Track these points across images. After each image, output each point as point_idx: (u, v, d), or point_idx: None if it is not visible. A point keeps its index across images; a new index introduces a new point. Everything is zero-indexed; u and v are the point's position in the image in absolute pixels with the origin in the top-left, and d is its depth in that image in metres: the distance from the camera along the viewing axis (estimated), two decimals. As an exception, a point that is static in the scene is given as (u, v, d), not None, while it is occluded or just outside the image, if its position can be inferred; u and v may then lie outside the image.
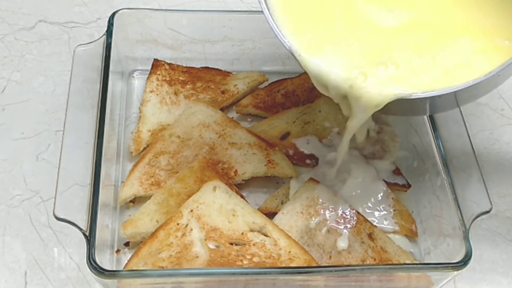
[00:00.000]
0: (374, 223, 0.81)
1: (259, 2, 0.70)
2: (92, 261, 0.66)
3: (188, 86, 0.93)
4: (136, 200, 0.82)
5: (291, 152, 0.87)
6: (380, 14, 0.70)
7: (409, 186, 0.86)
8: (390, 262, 0.77)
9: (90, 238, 0.68)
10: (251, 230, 0.76)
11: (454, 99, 0.67)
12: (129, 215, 0.80)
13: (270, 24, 0.70)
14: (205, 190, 0.78)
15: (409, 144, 0.88)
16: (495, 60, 0.65)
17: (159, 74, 0.93)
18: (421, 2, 0.72)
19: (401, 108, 0.68)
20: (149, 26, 0.93)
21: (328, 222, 0.79)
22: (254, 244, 0.75)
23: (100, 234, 0.70)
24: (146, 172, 0.83)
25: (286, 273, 0.69)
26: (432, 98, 0.65)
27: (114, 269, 0.75)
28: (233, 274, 0.69)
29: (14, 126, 0.90)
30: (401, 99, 0.65)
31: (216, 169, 0.82)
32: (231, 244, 0.75)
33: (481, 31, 0.68)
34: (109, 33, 0.85)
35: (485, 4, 0.70)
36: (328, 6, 0.71)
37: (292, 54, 0.69)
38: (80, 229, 0.69)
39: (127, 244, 0.79)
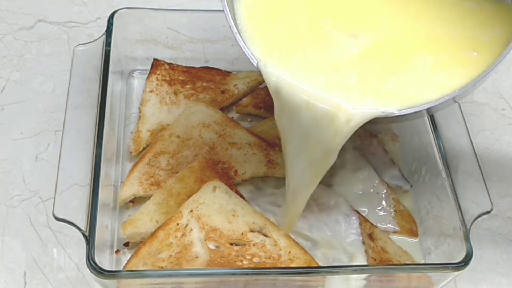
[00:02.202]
0: (374, 223, 0.81)
1: (230, 27, 0.71)
2: (91, 262, 0.66)
3: (188, 86, 0.93)
4: (136, 200, 0.82)
5: (291, 152, 0.87)
6: (344, 41, 0.70)
7: (409, 186, 0.85)
8: (391, 263, 0.77)
9: (89, 238, 0.68)
10: (251, 230, 0.76)
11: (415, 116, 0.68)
12: (129, 215, 0.80)
13: (242, 47, 0.70)
14: (205, 190, 0.78)
15: (409, 144, 0.88)
16: (459, 74, 0.66)
17: (158, 74, 0.93)
18: (385, 22, 0.71)
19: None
20: (148, 26, 0.92)
21: (328, 222, 0.79)
22: (254, 245, 0.75)
23: (100, 234, 0.70)
24: (146, 172, 0.83)
25: (286, 273, 0.69)
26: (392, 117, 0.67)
27: (113, 269, 0.75)
28: (233, 274, 0.69)
29: (14, 126, 0.90)
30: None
31: (216, 169, 0.82)
32: (231, 244, 0.75)
33: (446, 45, 0.68)
34: (108, 32, 0.85)
35: (453, 16, 0.70)
36: (296, 32, 0.71)
37: (258, 68, 0.70)
38: (80, 229, 0.68)
39: (126, 244, 0.79)
